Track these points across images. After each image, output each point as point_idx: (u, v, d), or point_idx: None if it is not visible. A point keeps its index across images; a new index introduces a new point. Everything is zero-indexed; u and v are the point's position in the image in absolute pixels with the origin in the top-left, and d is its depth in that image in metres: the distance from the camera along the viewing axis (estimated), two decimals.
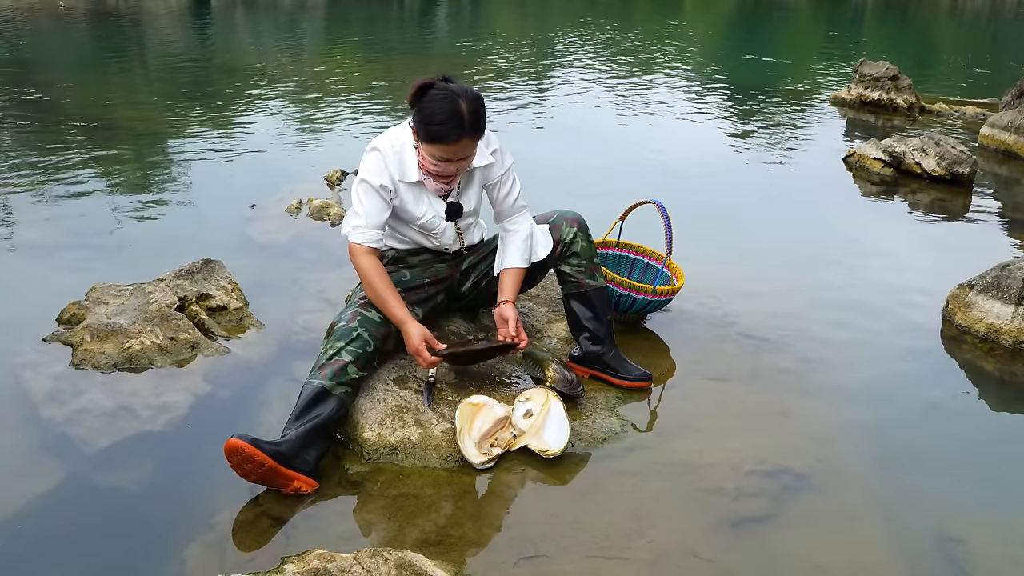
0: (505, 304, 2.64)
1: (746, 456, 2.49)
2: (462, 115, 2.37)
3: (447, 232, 2.71)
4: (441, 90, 2.40)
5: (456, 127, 2.38)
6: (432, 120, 2.39)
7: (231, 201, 4.64)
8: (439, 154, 2.45)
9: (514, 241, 2.71)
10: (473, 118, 2.40)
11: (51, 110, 6.82)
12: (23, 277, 3.62)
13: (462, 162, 2.50)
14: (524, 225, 2.73)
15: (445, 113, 2.37)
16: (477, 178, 2.68)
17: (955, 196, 5.40)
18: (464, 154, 2.47)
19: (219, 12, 16.02)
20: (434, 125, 2.39)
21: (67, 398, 2.61)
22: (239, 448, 2.13)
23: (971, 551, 2.17)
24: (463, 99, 2.38)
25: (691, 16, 19.54)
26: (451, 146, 2.42)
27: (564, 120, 7.29)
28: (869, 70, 8.16)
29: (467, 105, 2.38)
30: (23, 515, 2.16)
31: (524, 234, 2.72)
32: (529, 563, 2.04)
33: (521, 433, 2.47)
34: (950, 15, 21.21)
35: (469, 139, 2.43)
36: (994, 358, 3.25)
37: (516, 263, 2.69)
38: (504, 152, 2.70)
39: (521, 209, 2.75)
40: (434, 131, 2.40)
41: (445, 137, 2.40)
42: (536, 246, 2.74)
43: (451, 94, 2.38)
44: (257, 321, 3.20)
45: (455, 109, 2.36)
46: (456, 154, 2.45)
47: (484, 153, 2.62)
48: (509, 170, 2.71)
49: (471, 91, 2.42)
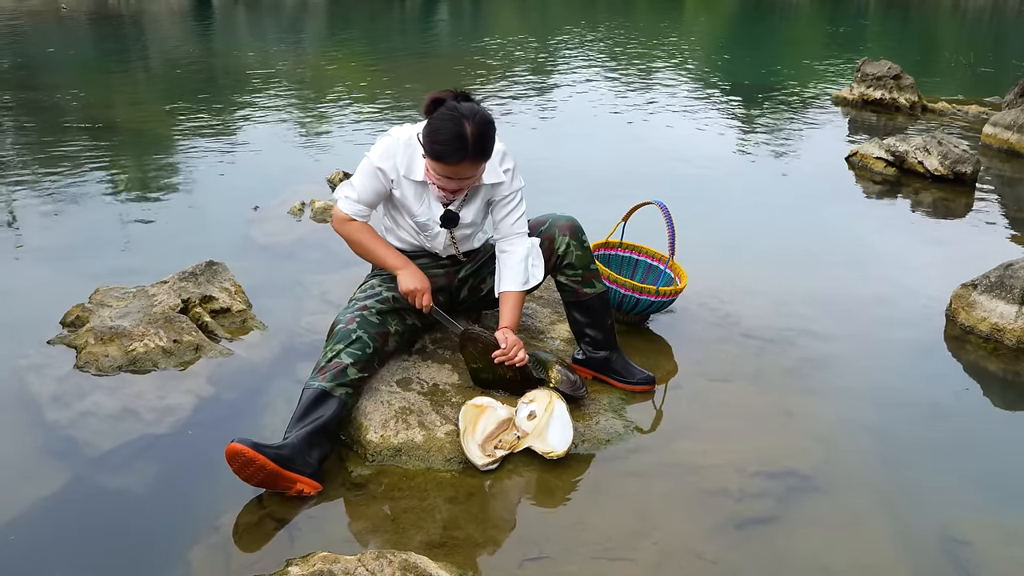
0: (503, 329, 2.62)
1: (750, 457, 2.49)
2: (466, 138, 2.35)
3: (439, 237, 2.70)
4: (451, 110, 2.37)
5: (459, 149, 2.36)
6: (436, 138, 2.38)
7: (234, 203, 4.65)
8: (440, 171, 2.44)
9: (509, 263, 2.67)
10: (478, 142, 2.37)
11: (53, 112, 6.83)
12: (27, 280, 3.62)
13: (464, 181, 2.48)
14: (521, 248, 2.68)
15: (449, 134, 2.35)
16: (483, 194, 2.66)
17: (958, 195, 5.39)
18: (466, 175, 2.45)
19: (221, 13, 16.03)
20: (437, 144, 2.38)
21: (71, 401, 2.62)
22: (240, 452, 2.13)
23: (976, 552, 2.17)
24: (470, 122, 2.35)
25: (692, 15, 19.53)
26: (451, 167, 2.41)
27: (565, 120, 7.28)
28: (871, 69, 8.15)
29: (473, 129, 2.35)
30: (27, 518, 2.16)
31: (520, 255, 2.67)
32: (533, 564, 2.04)
33: (525, 435, 2.47)
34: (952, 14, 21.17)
35: (471, 163, 2.41)
36: (998, 358, 3.24)
37: (512, 287, 2.66)
38: (516, 174, 2.68)
39: (520, 232, 2.70)
40: (436, 150, 2.39)
41: (446, 157, 2.39)
42: (533, 269, 2.70)
43: (459, 116, 2.35)
44: (260, 323, 3.20)
45: (460, 132, 2.34)
46: (457, 174, 2.44)
47: (496, 170, 2.61)
48: (516, 192, 2.68)
49: (481, 114, 2.39)
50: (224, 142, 6.07)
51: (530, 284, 2.69)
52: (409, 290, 2.59)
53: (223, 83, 8.73)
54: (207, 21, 14.95)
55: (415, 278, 2.60)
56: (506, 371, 2.62)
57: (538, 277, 2.71)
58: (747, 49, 13.44)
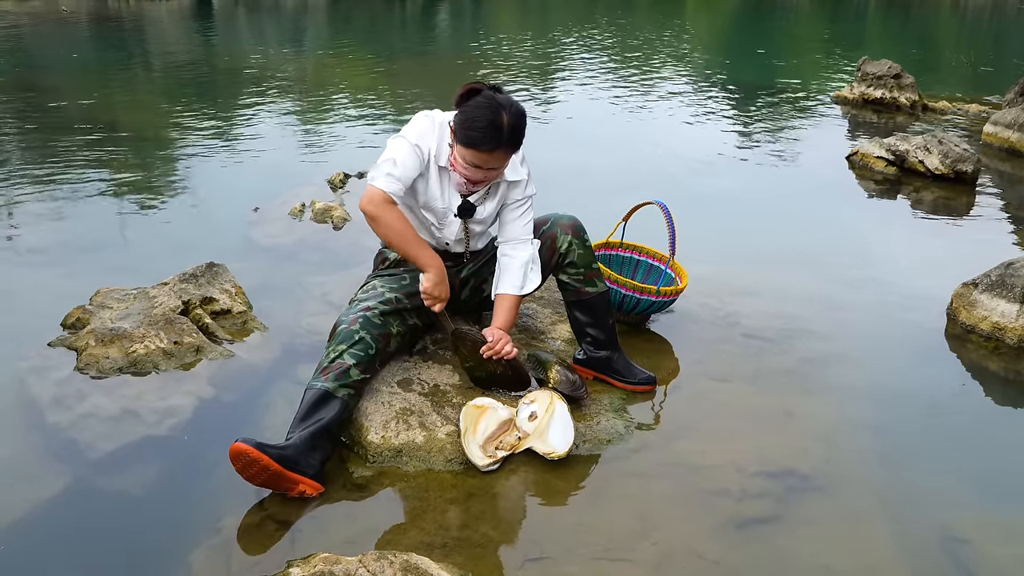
0: (495, 328, 2.64)
1: (751, 457, 2.49)
2: (502, 127, 2.39)
3: (452, 227, 2.71)
4: (487, 98, 2.42)
5: (494, 137, 2.40)
6: (472, 125, 2.41)
7: (234, 204, 4.65)
8: (471, 159, 2.47)
9: (511, 267, 2.70)
10: (512, 132, 2.42)
11: (54, 114, 6.83)
12: (27, 282, 3.62)
13: (491, 172, 2.52)
14: (524, 253, 2.71)
15: (486, 120, 2.39)
16: (501, 192, 2.69)
17: (958, 194, 5.39)
18: (496, 164, 2.49)
19: (221, 15, 16.05)
20: (473, 131, 2.41)
21: (72, 403, 2.62)
22: (244, 452, 2.13)
23: (976, 551, 2.16)
24: (507, 112, 2.40)
25: (692, 15, 19.53)
26: (485, 154, 2.44)
27: (565, 120, 7.28)
28: (872, 68, 8.15)
29: (509, 119, 2.40)
30: (28, 519, 2.16)
31: (522, 261, 2.70)
32: (534, 565, 2.04)
33: (526, 435, 2.47)
34: (952, 12, 21.17)
35: (504, 151, 2.45)
36: (999, 357, 3.24)
37: (509, 289, 2.68)
38: (530, 181, 2.72)
39: (526, 239, 2.72)
40: (472, 136, 2.42)
41: (481, 144, 2.42)
42: (531, 274, 2.72)
43: (496, 104, 2.40)
44: (261, 324, 3.20)
45: (496, 120, 2.39)
46: (488, 163, 2.47)
47: (519, 170, 2.66)
48: (529, 199, 2.73)
49: (516, 106, 2.45)
50: (224, 143, 6.07)
51: (526, 289, 2.71)
52: (432, 294, 2.57)
53: (224, 84, 8.74)
54: (207, 23, 14.96)
55: (442, 286, 2.58)
56: (496, 366, 2.63)
57: (535, 282, 2.73)
58: (748, 48, 13.44)
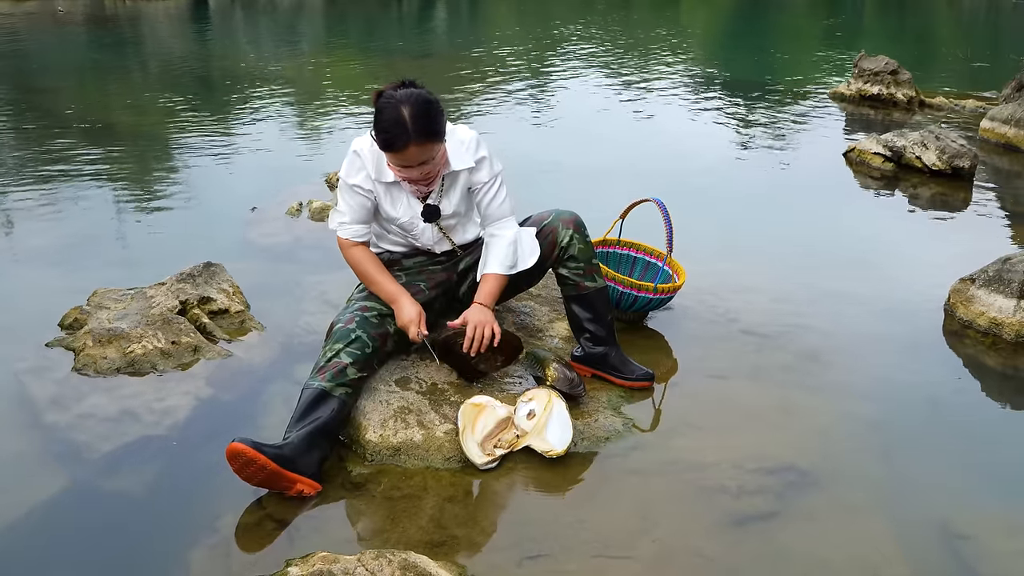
0: (474, 305, 2.58)
1: (749, 453, 2.49)
2: (404, 122, 2.32)
3: (427, 233, 2.70)
4: (388, 98, 2.37)
5: (400, 134, 2.34)
6: (379, 129, 2.38)
7: (231, 204, 4.64)
8: (394, 161, 2.44)
9: (496, 246, 2.66)
10: (418, 123, 2.34)
11: (51, 114, 6.82)
12: (25, 282, 3.62)
13: (423, 167, 2.44)
14: (508, 231, 2.68)
15: (390, 120, 2.34)
16: (461, 181, 2.65)
17: (956, 190, 5.39)
18: (419, 159, 2.41)
19: (217, 15, 16.02)
20: (381, 134, 2.38)
21: (69, 403, 2.62)
22: (241, 452, 2.13)
23: (976, 545, 2.17)
24: (406, 105, 2.33)
25: (689, 12, 19.53)
26: (400, 154, 2.38)
27: (562, 118, 7.27)
28: (868, 64, 8.14)
29: (410, 111, 2.33)
30: (27, 519, 2.16)
31: (507, 240, 2.66)
32: (533, 563, 2.04)
33: (524, 433, 2.47)
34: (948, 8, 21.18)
35: (417, 145, 2.36)
36: (996, 352, 3.24)
37: (495, 269, 2.64)
38: (493, 159, 2.67)
39: (506, 216, 2.70)
40: (383, 139, 2.39)
41: (392, 145, 2.37)
42: (523, 254, 2.69)
43: (395, 102, 2.34)
44: (259, 324, 3.20)
45: (398, 116, 2.33)
46: (409, 160, 2.40)
47: (464, 157, 2.59)
48: (496, 177, 2.67)
49: (419, 96, 2.37)
50: (221, 143, 6.06)
51: (518, 268, 2.67)
52: (403, 324, 2.56)
53: (220, 84, 8.73)
54: (204, 23, 14.94)
55: (408, 309, 2.55)
56: (489, 356, 2.60)
57: (527, 261, 2.69)
58: (744, 45, 13.43)
